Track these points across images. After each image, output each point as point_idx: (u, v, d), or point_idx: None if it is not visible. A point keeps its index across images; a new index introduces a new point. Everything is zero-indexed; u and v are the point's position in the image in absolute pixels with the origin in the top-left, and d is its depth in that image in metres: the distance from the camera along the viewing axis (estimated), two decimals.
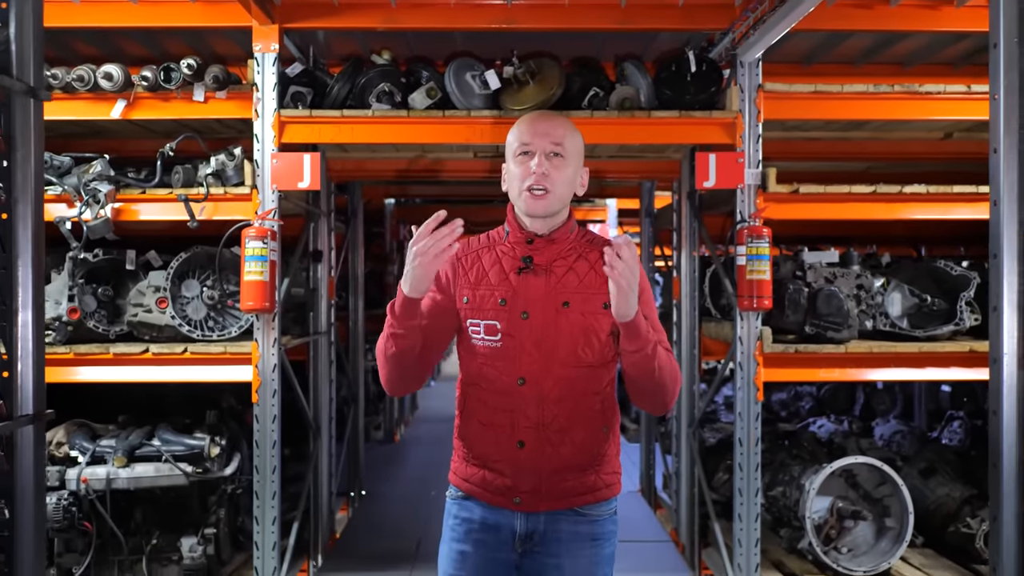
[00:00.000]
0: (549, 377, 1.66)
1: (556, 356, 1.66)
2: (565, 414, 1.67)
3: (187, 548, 3.34)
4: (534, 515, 1.70)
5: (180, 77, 3.19)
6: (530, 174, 1.66)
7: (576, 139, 1.73)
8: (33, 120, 1.65)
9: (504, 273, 1.70)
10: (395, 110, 3.33)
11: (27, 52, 1.63)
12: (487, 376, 1.70)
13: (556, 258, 1.70)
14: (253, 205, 3.26)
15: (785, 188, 3.30)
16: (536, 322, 1.66)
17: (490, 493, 1.72)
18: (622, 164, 4.49)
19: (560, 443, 1.67)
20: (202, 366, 3.30)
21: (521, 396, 1.67)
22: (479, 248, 1.76)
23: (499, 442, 1.69)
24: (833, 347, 3.32)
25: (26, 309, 1.65)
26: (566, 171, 1.69)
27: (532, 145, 1.68)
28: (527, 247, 1.71)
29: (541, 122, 1.71)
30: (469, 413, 1.74)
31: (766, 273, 3.20)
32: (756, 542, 3.32)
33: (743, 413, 3.32)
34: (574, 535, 1.71)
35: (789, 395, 6.45)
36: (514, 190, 1.71)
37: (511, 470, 1.69)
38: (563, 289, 1.67)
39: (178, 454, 3.30)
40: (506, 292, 1.68)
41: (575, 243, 1.73)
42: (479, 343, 1.70)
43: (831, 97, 3.32)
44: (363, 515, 4.90)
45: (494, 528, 1.72)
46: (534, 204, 1.67)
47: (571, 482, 1.70)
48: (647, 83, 3.41)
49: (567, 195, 1.71)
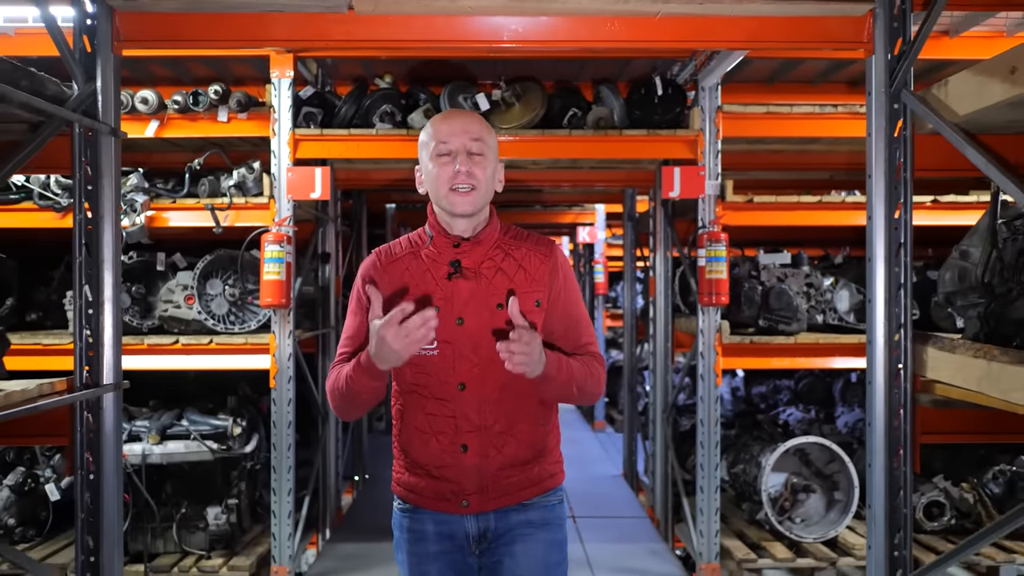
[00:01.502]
0: (489, 380, 1.67)
1: (494, 359, 1.63)
2: (506, 414, 1.70)
3: (212, 517, 3.83)
4: (484, 515, 1.72)
5: (207, 101, 3.69)
6: (454, 173, 1.65)
7: (492, 136, 1.73)
8: (113, 154, 2.13)
9: (434, 280, 1.69)
10: (396, 129, 3.82)
11: (109, 100, 2.11)
12: (425, 384, 1.69)
13: (484, 260, 1.71)
14: (271, 213, 3.75)
15: (741, 198, 3.80)
16: (471, 327, 1.67)
17: (437, 500, 1.72)
18: (605, 174, 4.97)
19: (503, 443, 1.70)
20: (225, 355, 3.79)
21: (462, 401, 1.68)
22: (402, 255, 1.73)
23: (442, 448, 1.69)
24: (784, 338, 3.81)
25: (109, 301, 2.14)
26: (487, 168, 1.69)
27: (451, 144, 1.67)
28: (454, 251, 1.70)
29: (458, 120, 1.70)
30: (408, 421, 1.73)
31: (723, 273, 3.69)
32: (716, 511, 3.81)
33: (704, 397, 3.81)
34: (525, 523, 1.74)
35: (768, 388, 6.92)
36: (438, 190, 1.68)
37: (456, 474, 1.69)
38: (495, 291, 1.68)
39: (204, 433, 3.80)
40: (439, 299, 1.67)
41: (500, 241, 1.74)
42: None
43: (782, 117, 3.80)
44: (366, 496, 5.40)
45: (448, 537, 1.74)
46: (462, 202, 1.66)
47: (515, 478, 1.72)
48: (620, 104, 3.91)
49: (490, 192, 1.72)
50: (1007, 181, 1.65)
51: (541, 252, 1.74)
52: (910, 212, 2.14)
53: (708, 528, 3.81)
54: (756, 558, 3.82)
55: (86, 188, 2.06)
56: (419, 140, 1.73)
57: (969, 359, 1.95)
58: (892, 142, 2.12)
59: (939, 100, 2.05)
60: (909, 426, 2.15)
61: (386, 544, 4.56)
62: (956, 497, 4.04)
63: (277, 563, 3.78)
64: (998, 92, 1.82)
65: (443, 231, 1.72)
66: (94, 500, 2.12)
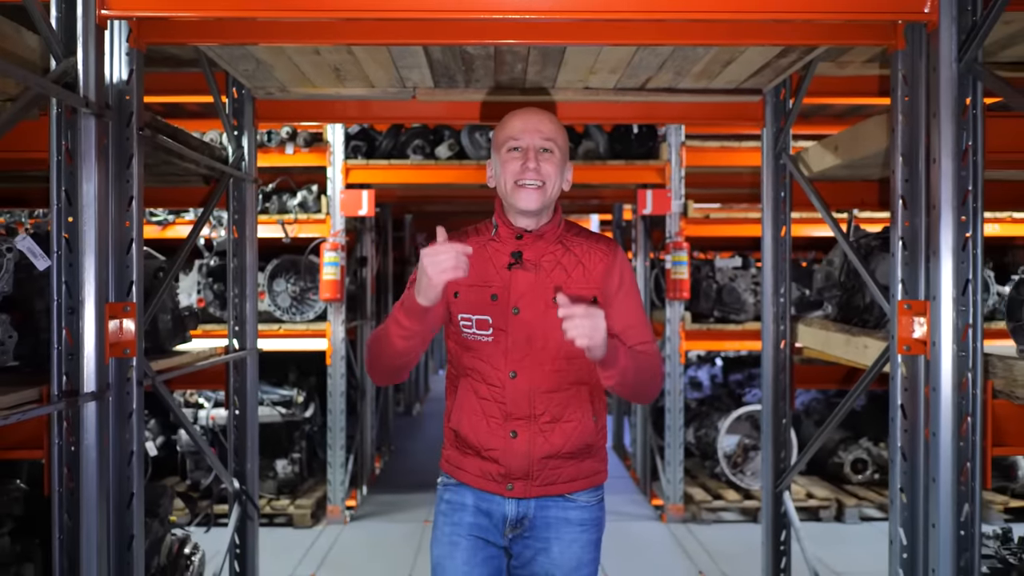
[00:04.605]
0: (540, 371, 1.73)
1: (547, 350, 1.71)
2: (556, 405, 1.75)
3: (280, 467, 4.98)
4: (525, 501, 1.78)
5: (279, 138, 4.83)
6: (523, 169, 1.70)
7: (563, 134, 1.78)
8: (248, 199, 3.24)
9: (495, 269, 1.76)
10: (426, 160, 4.97)
11: (252, 161, 3.21)
12: (478, 369, 1.77)
13: (544, 253, 1.76)
14: (327, 226, 4.89)
15: (700, 213, 4.94)
16: (527, 317, 1.72)
17: (483, 480, 1.79)
18: (595, 191, 6.12)
19: (551, 432, 1.75)
20: (291, 339, 4.93)
21: (513, 388, 1.73)
22: (467, 241, 1.78)
23: (492, 432, 1.76)
24: (735, 326, 4.95)
25: (249, 297, 3.26)
26: (557, 165, 1.74)
27: (523, 140, 1.72)
28: (516, 243, 1.76)
29: (531, 117, 1.75)
30: (461, 403, 1.80)
31: (685, 274, 4.82)
32: (680, 462, 4.95)
33: (671, 372, 4.95)
34: (563, 520, 1.79)
35: (744, 375, 8.06)
36: (505, 185, 1.74)
37: (504, 458, 1.75)
38: (552, 284, 1.73)
39: (275, 400, 4.94)
40: (497, 288, 1.74)
41: (562, 237, 1.79)
42: (470, 337, 1.77)
43: (732, 150, 4.93)
44: (393, 463, 6.57)
45: (486, 514, 1.80)
46: (528, 198, 1.71)
47: (562, 469, 1.77)
48: (605, 139, 5.05)
49: (557, 190, 1.76)
50: (826, 213, 2.77)
51: (600, 250, 1.80)
52: (789, 231, 3.25)
53: (674, 476, 4.95)
54: (712, 500, 4.98)
55: (234, 217, 3.19)
56: (493, 136, 1.82)
57: (817, 331, 3.08)
58: (778, 186, 3.24)
59: (803, 161, 3.18)
60: (788, 378, 3.27)
61: (412, 496, 5.77)
62: (875, 454, 5.19)
63: (332, 503, 4.93)
64: (830, 160, 2.96)
65: (508, 222, 1.78)
66: (240, 421, 3.24)
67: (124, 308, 2.14)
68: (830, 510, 4.94)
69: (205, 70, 2.79)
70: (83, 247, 2.01)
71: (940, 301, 2.05)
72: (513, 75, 2.93)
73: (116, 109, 2.12)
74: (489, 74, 2.92)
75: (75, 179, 2.00)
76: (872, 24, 2.22)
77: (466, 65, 2.81)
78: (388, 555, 4.41)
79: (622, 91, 3.09)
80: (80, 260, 2.01)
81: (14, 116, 1.73)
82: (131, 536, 2.15)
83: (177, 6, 2.06)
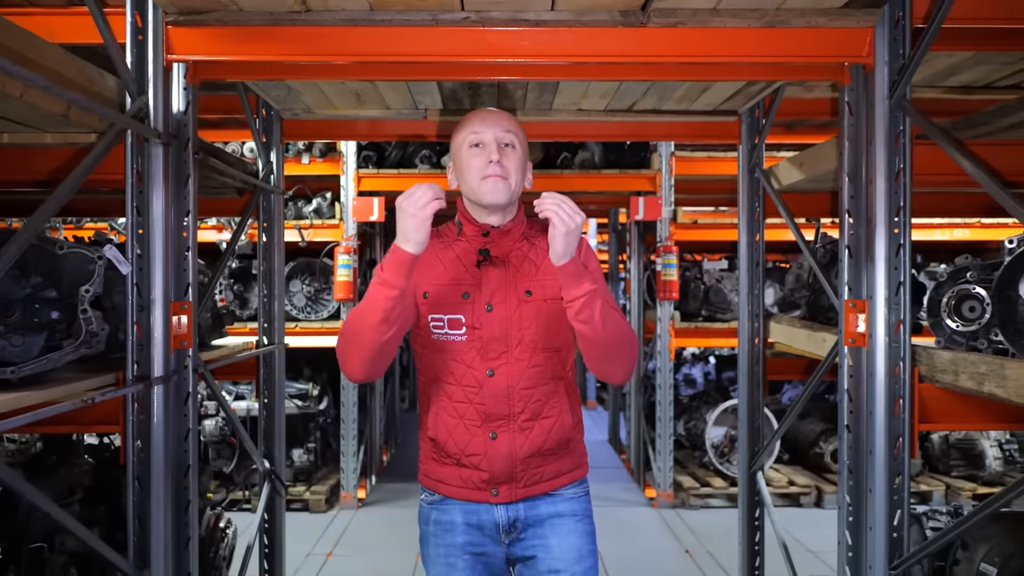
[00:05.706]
0: (517, 367, 1.73)
1: (523, 346, 1.73)
2: (534, 402, 1.75)
3: (296, 456, 5.37)
4: (513, 505, 1.78)
5: (296, 149, 5.23)
6: (488, 162, 1.70)
7: (523, 133, 1.80)
8: (276, 209, 3.63)
9: (464, 267, 1.75)
10: (432, 169, 5.37)
11: (280, 173, 3.60)
12: (453, 371, 1.75)
13: (512, 249, 1.77)
14: (340, 231, 5.28)
15: (688, 219, 5.33)
16: (501, 313, 1.73)
17: (466, 490, 1.78)
18: (591, 198, 6.51)
19: (531, 430, 1.75)
20: (305, 336, 5.32)
21: (491, 388, 1.73)
22: (433, 242, 1.76)
23: (471, 436, 1.75)
24: (721, 324, 5.34)
25: (277, 297, 3.66)
26: (519, 161, 1.75)
27: (485, 134, 1.73)
28: (483, 240, 1.76)
29: (491, 114, 1.78)
30: (436, 410, 1.79)
31: (674, 275, 5.22)
32: (670, 451, 5.35)
33: (661, 367, 5.34)
34: (555, 514, 1.81)
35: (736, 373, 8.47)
36: (470, 181, 1.74)
37: (486, 463, 1.75)
38: (523, 278, 1.74)
39: (292, 394, 5.34)
40: (468, 286, 1.74)
41: (527, 233, 1.81)
42: (442, 338, 1.75)
43: (718, 159, 5.33)
44: (399, 455, 6.97)
45: (477, 527, 1.80)
46: (496, 191, 1.71)
47: (544, 467, 1.79)
48: (599, 149, 5.44)
49: (520, 186, 1.77)
50: (790, 222, 3.16)
51: None
52: (763, 238, 3.65)
53: (664, 464, 5.35)
54: (700, 487, 5.37)
55: (263, 225, 3.58)
56: (452, 139, 1.81)
57: (786, 327, 3.48)
58: (752, 196, 3.63)
59: (774, 175, 3.58)
60: (762, 369, 3.66)
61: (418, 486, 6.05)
62: None
63: (345, 490, 5.33)
64: (796, 174, 3.36)
65: (473, 220, 1.78)
66: (269, 408, 3.63)
67: (183, 306, 2.53)
68: (810, 496, 5.34)
69: (241, 96, 3.18)
70: (152, 254, 2.40)
71: (876, 300, 2.44)
72: (514, 100, 3.33)
73: (176, 136, 2.52)
74: (493, 99, 3.32)
75: (145, 197, 2.39)
76: (823, 65, 2.61)
77: (473, 92, 3.21)
78: (397, 537, 4.80)
79: (612, 112, 3.49)
80: (149, 265, 2.40)
81: (106, 147, 2.12)
82: (188, 502, 2.54)
83: (228, 51, 2.45)
